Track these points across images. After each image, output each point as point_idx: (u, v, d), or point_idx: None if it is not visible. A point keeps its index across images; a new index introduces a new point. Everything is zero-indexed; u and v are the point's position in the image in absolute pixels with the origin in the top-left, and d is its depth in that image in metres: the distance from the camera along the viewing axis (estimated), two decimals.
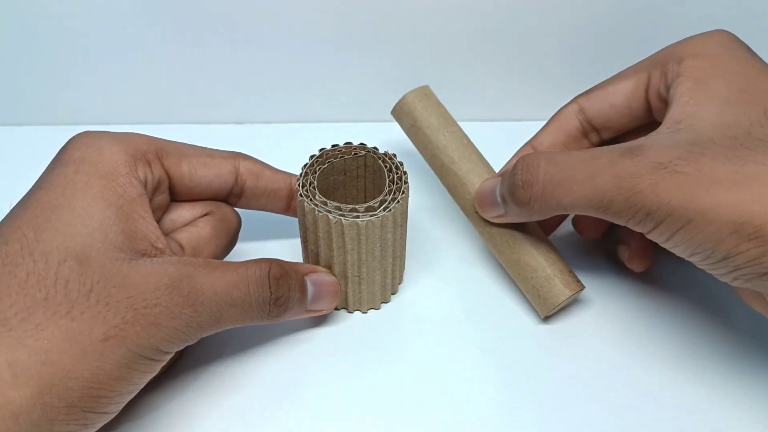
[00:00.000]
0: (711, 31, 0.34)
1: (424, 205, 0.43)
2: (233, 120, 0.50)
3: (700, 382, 0.34)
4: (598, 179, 0.30)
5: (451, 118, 0.38)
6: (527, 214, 0.33)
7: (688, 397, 0.33)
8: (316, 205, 0.33)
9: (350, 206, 0.33)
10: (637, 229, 0.30)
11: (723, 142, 0.29)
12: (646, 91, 0.34)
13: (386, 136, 0.44)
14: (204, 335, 0.30)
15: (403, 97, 0.38)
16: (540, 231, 0.36)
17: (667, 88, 0.33)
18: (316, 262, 0.35)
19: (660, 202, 0.28)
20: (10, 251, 0.27)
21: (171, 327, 0.28)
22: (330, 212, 0.33)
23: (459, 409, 0.33)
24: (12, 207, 0.30)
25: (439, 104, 0.39)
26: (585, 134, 0.37)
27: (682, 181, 0.28)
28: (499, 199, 0.34)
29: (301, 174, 0.34)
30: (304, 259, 0.37)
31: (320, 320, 0.37)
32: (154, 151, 0.32)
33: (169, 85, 0.48)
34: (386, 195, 0.34)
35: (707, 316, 0.37)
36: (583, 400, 0.33)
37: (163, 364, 0.29)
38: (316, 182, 0.34)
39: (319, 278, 0.34)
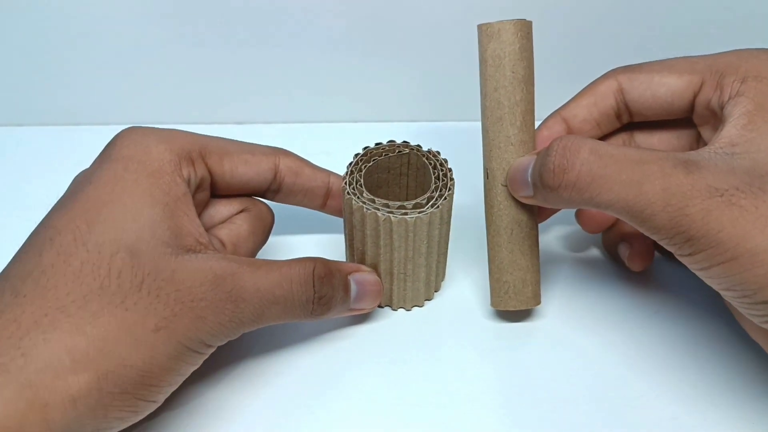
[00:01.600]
0: None
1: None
2: (233, 120, 0.50)
3: (699, 381, 0.34)
4: (646, 187, 0.28)
5: (533, 74, 0.34)
6: (553, 200, 0.31)
7: (687, 397, 0.33)
8: (364, 202, 0.33)
9: (398, 203, 0.33)
10: (672, 249, 0.28)
11: None
12: (695, 95, 0.33)
13: (388, 137, 0.43)
14: (246, 330, 0.30)
15: (505, 24, 0.32)
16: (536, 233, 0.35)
17: (720, 103, 0.31)
18: (362, 260, 0.35)
19: (707, 231, 0.27)
20: (63, 241, 0.28)
21: (215, 321, 0.29)
22: (378, 209, 0.33)
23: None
24: (58, 199, 0.30)
25: (532, 52, 0.34)
26: (618, 115, 0.35)
27: (737, 215, 0.26)
28: (529, 178, 0.32)
29: (346, 172, 0.35)
30: (348, 257, 0.37)
31: (365, 317, 0.37)
32: (198, 150, 0.33)
33: (169, 85, 0.48)
34: (433, 192, 0.34)
35: (706, 316, 0.37)
36: (585, 401, 0.33)
37: (206, 357, 0.30)
38: (362, 180, 0.34)
39: (362, 277, 0.34)
